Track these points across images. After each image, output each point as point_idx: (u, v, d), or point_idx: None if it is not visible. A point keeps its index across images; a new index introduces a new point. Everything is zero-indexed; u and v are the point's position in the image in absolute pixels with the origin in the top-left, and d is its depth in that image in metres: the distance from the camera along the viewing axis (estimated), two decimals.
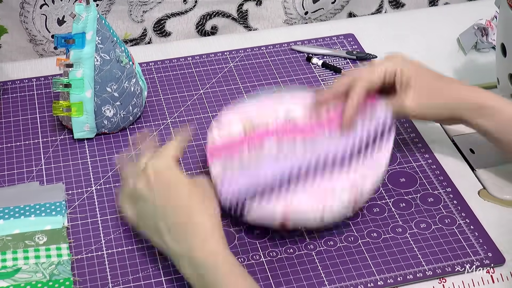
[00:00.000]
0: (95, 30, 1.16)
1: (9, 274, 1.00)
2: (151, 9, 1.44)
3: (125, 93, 1.20)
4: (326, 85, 1.33)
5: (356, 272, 1.03)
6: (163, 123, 1.26)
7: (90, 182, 1.16)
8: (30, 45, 1.41)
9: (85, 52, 1.16)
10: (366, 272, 1.03)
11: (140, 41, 1.47)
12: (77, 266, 1.03)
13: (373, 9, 1.57)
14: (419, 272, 1.03)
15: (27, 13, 1.37)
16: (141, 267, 1.03)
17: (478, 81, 1.34)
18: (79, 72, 1.16)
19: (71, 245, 1.06)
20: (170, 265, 1.03)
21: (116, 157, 1.16)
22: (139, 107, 1.24)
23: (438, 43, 1.46)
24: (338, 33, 1.48)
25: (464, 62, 1.41)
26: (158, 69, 1.37)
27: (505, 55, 1.17)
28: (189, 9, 1.46)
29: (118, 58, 1.18)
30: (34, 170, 1.17)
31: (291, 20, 1.52)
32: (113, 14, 1.42)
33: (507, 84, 1.18)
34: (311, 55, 1.41)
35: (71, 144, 1.22)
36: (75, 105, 1.18)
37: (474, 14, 1.50)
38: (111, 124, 1.21)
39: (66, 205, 1.11)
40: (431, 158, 1.20)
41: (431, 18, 1.53)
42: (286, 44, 1.44)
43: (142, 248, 1.06)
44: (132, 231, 1.06)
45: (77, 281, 1.01)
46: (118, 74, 1.18)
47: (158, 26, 1.46)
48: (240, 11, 1.49)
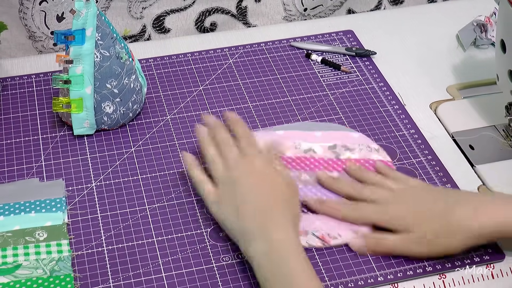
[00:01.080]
0: (95, 27, 1.16)
1: (9, 270, 1.00)
2: (150, 6, 1.44)
3: (124, 89, 1.20)
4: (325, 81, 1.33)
5: (356, 268, 1.03)
6: (163, 120, 1.26)
7: (90, 178, 1.16)
8: (29, 41, 1.41)
9: (85, 49, 1.16)
10: (366, 268, 1.03)
11: (139, 37, 1.47)
12: (77, 262, 1.03)
13: (372, 6, 1.57)
14: (419, 268, 1.03)
15: (26, 9, 1.37)
16: (141, 263, 1.03)
17: (478, 78, 1.34)
18: (78, 69, 1.16)
19: (71, 241, 1.06)
20: (170, 261, 1.03)
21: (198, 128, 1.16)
22: (138, 103, 1.24)
23: (437, 39, 1.46)
24: (337, 29, 1.48)
25: (463, 59, 1.41)
26: (158, 66, 1.37)
27: (504, 52, 1.17)
28: (188, 5, 1.46)
29: (118, 54, 1.18)
30: (34, 167, 1.17)
31: (290, 16, 1.52)
32: (113, 11, 1.42)
33: (506, 80, 1.18)
34: (310, 52, 1.41)
35: (70, 141, 1.22)
36: (75, 101, 1.18)
37: (473, 11, 1.50)
38: (111, 120, 1.21)
39: (66, 201, 1.11)
40: (430, 154, 1.20)
41: (430, 15, 1.53)
42: (285, 40, 1.44)
43: (143, 244, 1.06)
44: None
45: (78, 277, 1.01)
46: (117, 70, 1.18)
47: (157, 22, 1.46)
48: (239, 7, 1.49)
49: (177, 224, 1.09)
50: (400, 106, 1.29)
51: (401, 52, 1.42)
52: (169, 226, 1.08)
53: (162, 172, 1.16)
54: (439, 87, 1.34)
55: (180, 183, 1.15)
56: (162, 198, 1.12)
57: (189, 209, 1.11)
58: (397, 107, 1.28)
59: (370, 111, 1.27)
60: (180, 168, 1.17)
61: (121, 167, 1.17)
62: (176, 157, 1.19)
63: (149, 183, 1.15)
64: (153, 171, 1.17)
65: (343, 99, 1.30)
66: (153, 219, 1.09)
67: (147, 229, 1.08)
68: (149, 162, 1.18)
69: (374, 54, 1.40)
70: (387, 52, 1.42)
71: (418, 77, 1.36)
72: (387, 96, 1.30)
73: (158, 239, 1.07)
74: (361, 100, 1.30)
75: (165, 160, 1.18)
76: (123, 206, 1.11)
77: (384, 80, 1.34)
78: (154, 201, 1.12)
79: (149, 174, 1.16)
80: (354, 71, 1.37)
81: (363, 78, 1.35)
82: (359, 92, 1.32)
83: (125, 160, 1.19)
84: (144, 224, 1.09)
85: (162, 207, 1.11)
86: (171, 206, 1.11)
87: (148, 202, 1.12)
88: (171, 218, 1.10)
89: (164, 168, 1.17)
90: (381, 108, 1.28)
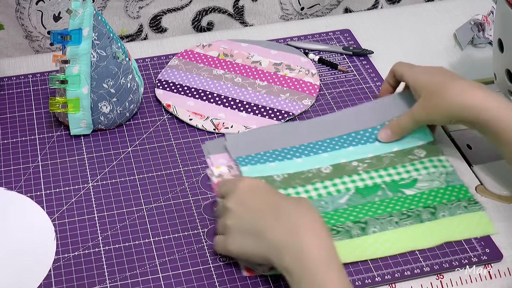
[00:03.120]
0: (91, 26, 1.15)
1: (410, 184, 1.12)
2: (147, 5, 1.43)
3: (121, 89, 1.20)
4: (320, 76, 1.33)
5: (354, 268, 1.03)
6: (160, 119, 1.26)
7: (87, 178, 1.15)
8: (26, 41, 1.41)
9: (82, 48, 1.16)
10: (363, 268, 1.03)
11: (136, 37, 1.47)
12: (74, 263, 1.03)
13: (369, 5, 1.57)
14: (416, 268, 1.03)
15: (23, 9, 1.36)
16: (138, 263, 1.03)
17: (475, 77, 1.34)
18: (75, 68, 1.16)
19: (66, 241, 1.06)
20: (167, 261, 1.03)
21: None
22: (135, 103, 1.24)
23: (434, 38, 1.46)
24: (334, 28, 1.48)
25: (460, 58, 1.41)
26: (155, 65, 1.37)
27: (502, 51, 1.17)
28: (185, 5, 1.45)
29: (114, 54, 1.18)
30: (31, 167, 1.17)
31: (287, 15, 1.52)
32: (109, 10, 1.42)
33: (504, 79, 1.18)
34: (307, 51, 1.40)
35: (67, 141, 1.22)
36: (72, 101, 1.18)
37: (470, 10, 1.50)
38: (108, 120, 1.21)
39: None
40: None
41: (427, 14, 1.53)
42: (283, 40, 1.44)
43: (140, 244, 1.06)
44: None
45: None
46: (114, 70, 1.18)
47: (154, 22, 1.46)
48: (236, 6, 1.48)
49: (174, 224, 1.08)
50: None
51: (399, 51, 1.42)
52: (166, 226, 1.08)
53: (159, 172, 1.16)
54: None
55: (177, 183, 1.15)
56: (159, 198, 1.12)
57: (186, 209, 1.11)
58: None
59: None
60: (177, 168, 1.17)
61: (118, 167, 1.17)
62: (173, 157, 1.19)
63: (146, 183, 1.15)
64: (150, 171, 1.17)
65: (340, 98, 1.30)
66: (150, 219, 1.09)
67: (144, 229, 1.08)
68: (146, 162, 1.18)
69: (371, 53, 1.40)
70: (384, 51, 1.42)
71: None
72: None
73: (155, 239, 1.06)
74: (358, 99, 1.30)
75: (162, 160, 1.18)
76: (120, 206, 1.11)
77: (381, 79, 1.34)
78: (151, 201, 1.12)
79: (146, 174, 1.16)
80: (351, 70, 1.36)
81: (361, 77, 1.35)
82: (356, 91, 1.31)
83: (122, 160, 1.18)
84: (141, 224, 1.08)
85: (159, 207, 1.11)
86: (168, 206, 1.11)
87: (145, 202, 1.12)
88: (168, 218, 1.09)
89: (161, 168, 1.17)
90: None
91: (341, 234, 1.05)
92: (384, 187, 1.12)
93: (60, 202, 1.12)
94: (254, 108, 1.26)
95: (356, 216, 1.07)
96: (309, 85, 1.31)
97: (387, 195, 1.10)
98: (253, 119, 1.24)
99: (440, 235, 1.05)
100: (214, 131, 1.22)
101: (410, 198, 1.10)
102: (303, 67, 1.35)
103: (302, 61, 1.36)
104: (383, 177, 1.13)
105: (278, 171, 1.13)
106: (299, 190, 1.11)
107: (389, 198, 1.10)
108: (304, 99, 1.28)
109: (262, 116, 1.25)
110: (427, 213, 1.08)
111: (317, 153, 1.17)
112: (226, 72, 1.34)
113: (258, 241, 0.96)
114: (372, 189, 1.12)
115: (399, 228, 1.06)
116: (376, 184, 1.12)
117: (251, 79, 1.32)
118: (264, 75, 1.33)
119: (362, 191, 1.11)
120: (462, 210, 1.08)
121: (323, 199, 1.10)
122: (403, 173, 1.14)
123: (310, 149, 1.17)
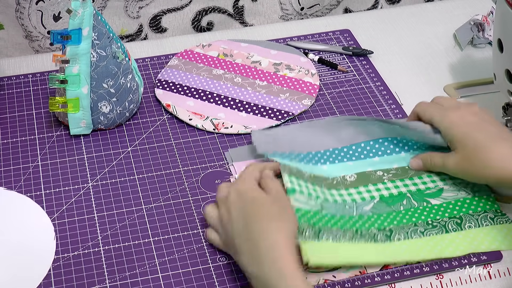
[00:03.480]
0: (91, 26, 1.16)
1: (436, 194, 1.11)
2: (147, 5, 1.43)
3: (121, 89, 1.20)
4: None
5: None
6: (159, 119, 1.26)
7: (87, 178, 1.15)
8: (26, 41, 1.41)
9: (82, 48, 1.16)
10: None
11: (136, 37, 1.47)
12: (73, 263, 1.03)
13: (369, 5, 1.57)
14: (416, 268, 1.03)
15: (23, 9, 1.36)
16: (138, 263, 1.03)
17: (475, 77, 1.34)
18: (75, 68, 1.16)
19: (66, 241, 1.06)
20: (166, 261, 1.03)
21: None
22: (135, 103, 1.24)
23: (434, 38, 1.46)
24: (334, 28, 1.48)
25: (460, 58, 1.41)
26: (154, 65, 1.37)
27: (501, 51, 1.17)
28: (185, 5, 1.45)
29: (114, 54, 1.18)
30: (31, 167, 1.17)
31: (287, 15, 1.52)
32: (109, 10, 1.42)
33: (503, 79, 1.18)
34: (307, 51, 1.41)
35: (67, 140, 1.22)
36: (72, 101, 1.18)
37: (470, 10, 1.50)
38: (108, 120, 1.21)
39: None
40: None
41: (427, 14, 1.53)
42: (282, 40, 1.44)
43: (139, 244, 1.06)
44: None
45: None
46: (114, 70, 1.18)
47: (154, 22, 1.46)
48: (236, 7, 1.49)
49: (173, 224, 1.08)
50: (397, 105, 1.29)
51: (398, 51, 1.42)
52: (166, 226, 1.08)
53: (158, 172, 1.16)
54: (436, 86, 1.34)
55: (177, 183, 1.15)
56: (159, 198, 1.12)
57: (186, 209, 1.11)
58: (394, 106, 1.28)
59: (367, 111, 1.27)
60: (176, 168, 1.17)
61: (118, 167, 1.17)
62: (173, 157, 1.19)
63: (145, 183, 1.15)
64: (149, 171, 1.17)
65: (340, 99, 1.30)
66: (149, 219, 1.09)
67: (144, 229, 1.08)
68: (145, 162, 1.18)
69: (371, 53, 1.40)
70: (384, 51, 1.42)
71: (415, 76, 1.36)
72: (384, 96, 1.30)
73: (154, 239, 1.06)
74: (358, 99, 1.30)
75: (162, 160, 1.18)
76: (120, 206, 1.11)
77: (381, 79, 1.34)
78: (150, 201, 1.12)
79: (146, 174, 1.16)
80: (351, 71, 1.36)
81: (360, 77, 1.35)
82: (356, 91, 1.31)
83: (122, 160, 1.18)
84: (141, 224, 1.08)
85: (159, 207, 1.11)
86: (167, 206, 1.11)
87: (144, 202, 1.12)
88: (167, 218, 1.09)
89: (161, 168, 1.17)
90: (378, 108, 1.28)
91: (366, 238, 1.04)
92: (409, 196, 1.11)
93: (59, 202, 1.12)
94: (254, 108, 1.26)
95: (381, 224, 1.06)
96: (308, 85, 1.31)
97: (412, 204, 1.10)
98: (253, 119, 1.24)
99: (466, 246, 1.04)
100: (214, 131, 1.22)
101: (436, 208, 1.09)
102: (303, 67, 1.35)
103: (302, 61, 1.36)
104: (408, 186, 1.12)
105: (305, 169, 1.12)
106: (325, 190, 1.10)
107: (414, 207, 1.09)
108: (304, 99, 1.28)
109: (262, 116, 1.25)
110: (453, 224, 1.07)
111: (342, 161, 1.16)
112: (226, 72, 1.34)
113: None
114: (397, 198, 1.11)
115: (424, 237, 1.05)
116: (401, 193, 1.12)
117: (251, 79, 1.32)
118: (264, 75, 1.33)
119: (387, 200, 1.10)
120: (489, 221, 1.07)
121: (348, 204, 1.09)
122: (429, 182, 1.13)
123: (336, 156, 1.17)
